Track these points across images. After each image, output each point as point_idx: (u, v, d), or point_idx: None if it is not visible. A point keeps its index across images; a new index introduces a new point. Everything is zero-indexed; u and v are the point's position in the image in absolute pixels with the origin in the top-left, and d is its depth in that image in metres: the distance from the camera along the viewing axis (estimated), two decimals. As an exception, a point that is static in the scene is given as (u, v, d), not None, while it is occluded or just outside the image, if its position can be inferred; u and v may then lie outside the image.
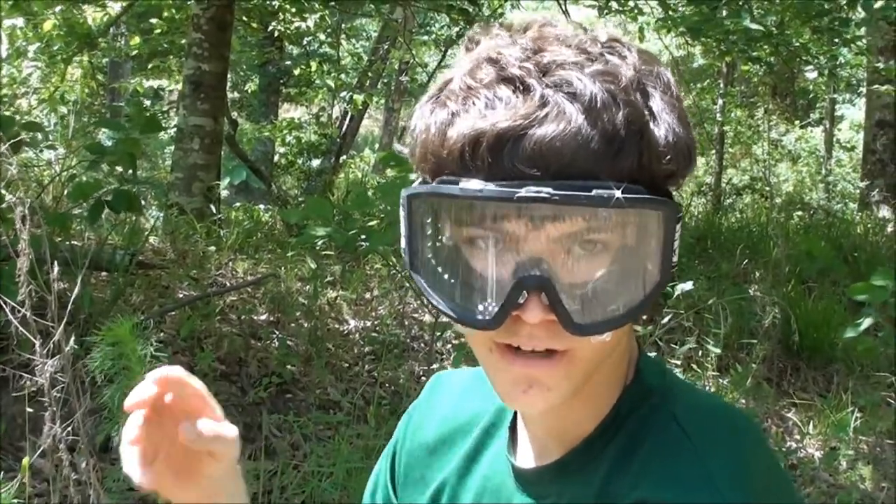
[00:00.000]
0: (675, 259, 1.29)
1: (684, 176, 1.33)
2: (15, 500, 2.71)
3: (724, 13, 9.39)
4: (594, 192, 1.19)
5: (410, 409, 1.79)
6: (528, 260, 1.25)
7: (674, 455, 1.33)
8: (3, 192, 3.66)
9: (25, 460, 3.01)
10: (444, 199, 1.29)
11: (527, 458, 1.51)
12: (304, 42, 12.54)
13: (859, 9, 10.48)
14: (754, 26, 9.43)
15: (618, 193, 1.20)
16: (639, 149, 1.24)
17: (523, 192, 1.18)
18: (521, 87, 1.24)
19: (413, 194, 1.30)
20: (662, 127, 1.27)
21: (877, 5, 10.25)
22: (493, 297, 1.27)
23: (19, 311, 3.05)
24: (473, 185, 1.22)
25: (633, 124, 1.24)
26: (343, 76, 13.00)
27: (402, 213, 1.33)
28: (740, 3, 9.49)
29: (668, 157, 1.27)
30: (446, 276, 1.32)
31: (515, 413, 1.57)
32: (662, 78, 1.32)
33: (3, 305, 3.10)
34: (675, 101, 1.32)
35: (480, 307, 1.28)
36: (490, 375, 1.37)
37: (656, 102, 1.29)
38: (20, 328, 3.07)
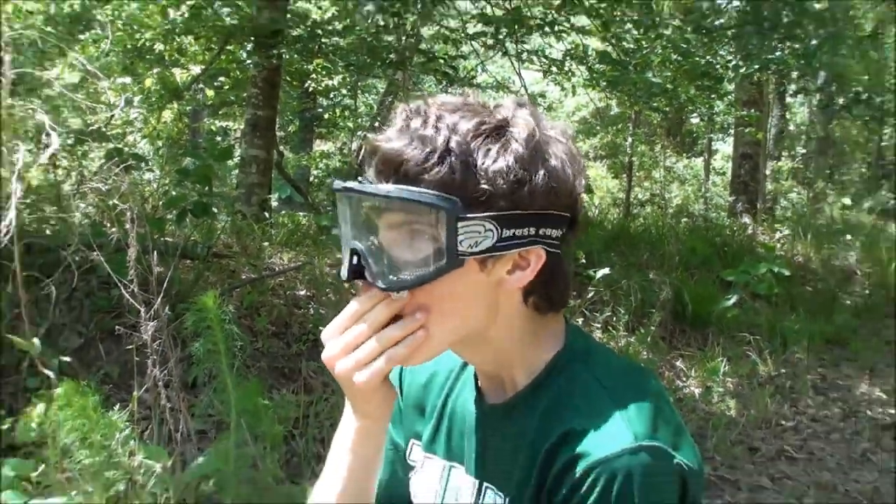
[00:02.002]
0: (470, 247, 1.28)
1: (515, 203, 1.30)
2: (126, 422, 2.74)
3: (633, 73, 9.45)
4: (379, 186, 1.29)
5: None
6: (354, 234, 1.34)
7: (594, 400, 1.31)
8: (118, 202, 3.71)
9: (134, 394, 3.05)
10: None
11: (486, 398, 1.48)
12: (331, 95, 12.52)
13: (730, 71, 10.60)
14: (656, 80, 9.49)
15: (388, 186, 1.28)
16: (459, 170, 1.27)
17: (339, 184, 1.29)
18: (407, 126, 1.29)
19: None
20: (497, 161, 1.27)
21: (742, 70, 10.37)
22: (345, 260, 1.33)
23: (129, 287, 3.08)
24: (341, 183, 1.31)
25: (460, 152, 1.26)
26: (359, 120, 13.02)
27: None
28: (644, 65, 9.57)
29: (485, 182, 1.27)
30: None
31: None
32: (535, 136, 1.31)
33: (119, 283, 3.14)
34: (539, 153, 1.31)
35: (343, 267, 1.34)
36: None
37: (505, 146, 1.29)
38: (130, 299, 3.10)
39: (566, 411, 1.32)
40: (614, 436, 1.26)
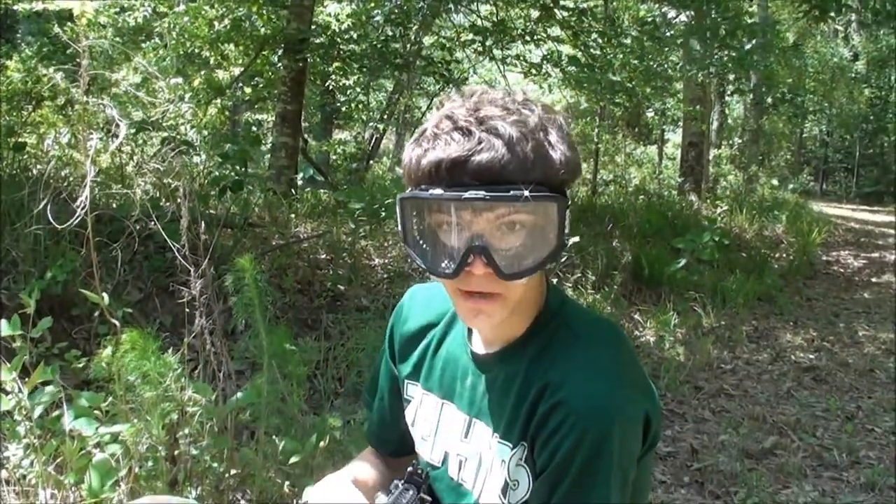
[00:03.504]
0: (567, 231, 1.25)
1: (574, 181, 1.30)
2: (178, 363, 2.73)
3: (598, 74, 9.41)
4: (511, 192, 1.18)
5: (398, 308, 1.69)
6: (474, 235, 1.23)
7: (571, 351, 1.32)
8: (171, 181, 3.66)
9: (185, 340, 3.03)
10: (421, 200, 1.25)
11: (478, 347, 1.47)
12: (347, 92, 12.45)
13: (679, 74, 10.57)
14: (617, 80, 9.46)
15: (526, 192, 1.18)
16: (543, 166, 1.21)
17: (467, 194, 1.17)
18: (467, 132, 1.21)
19: (403, 197, 1.27)
20: (558, 152, 1.23)
21: (688, 73, 10.32)
22: (454, 258, 1.25)
23: (180, 251, 3.05)
24: (437, 191, 1.20)
25: (538, 151, 1.21)
26: (371, 113, 12.96)
27: (397, 209, 1.29)
28: (607, 68, 9.52)
29: (563, 171, 1.23)
30: (425, 247, 1.30)
31: None
32: (557, 121, 1.27)
33: (172, 248, 3.11)
34: (566, 135, 1.27)
35: (444, 264, 1.27)
36: (456, 307, 1.35)
37: (553, 137, 1.24)
38: (182, 261, 3.08)
39: (548, 362, 1.33)
40: (589, 386, 1.25)
